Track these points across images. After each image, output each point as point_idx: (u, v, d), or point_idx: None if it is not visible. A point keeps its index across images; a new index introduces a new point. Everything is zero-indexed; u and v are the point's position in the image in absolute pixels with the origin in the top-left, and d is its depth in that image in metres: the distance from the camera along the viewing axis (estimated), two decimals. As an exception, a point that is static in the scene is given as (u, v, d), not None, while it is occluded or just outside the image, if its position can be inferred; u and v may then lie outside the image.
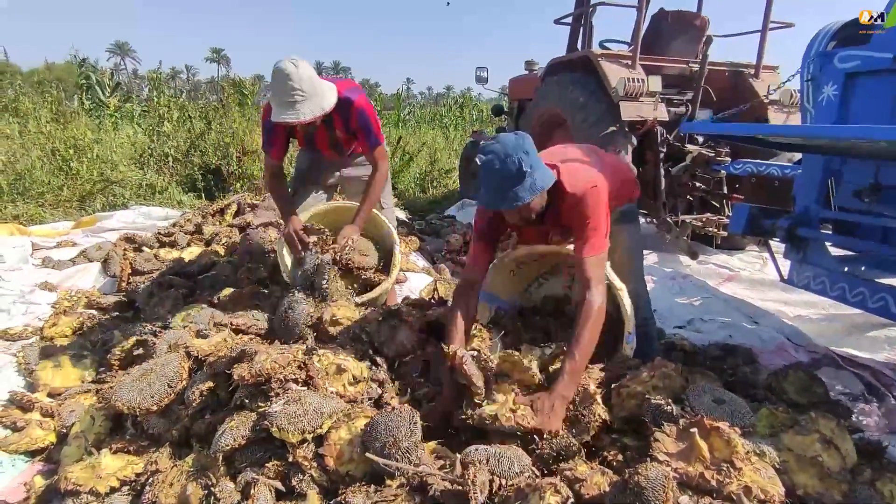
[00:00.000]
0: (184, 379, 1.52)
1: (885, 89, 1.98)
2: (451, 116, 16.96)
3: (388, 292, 2.76)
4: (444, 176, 7.37)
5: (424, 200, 6.91)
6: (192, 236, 3.28)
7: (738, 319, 2.76)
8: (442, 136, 9.89)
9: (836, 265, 2.21)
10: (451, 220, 5.25)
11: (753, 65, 4.12)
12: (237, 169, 5.88)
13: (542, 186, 1.51)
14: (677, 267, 3.78)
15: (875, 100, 2.02)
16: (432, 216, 5.52)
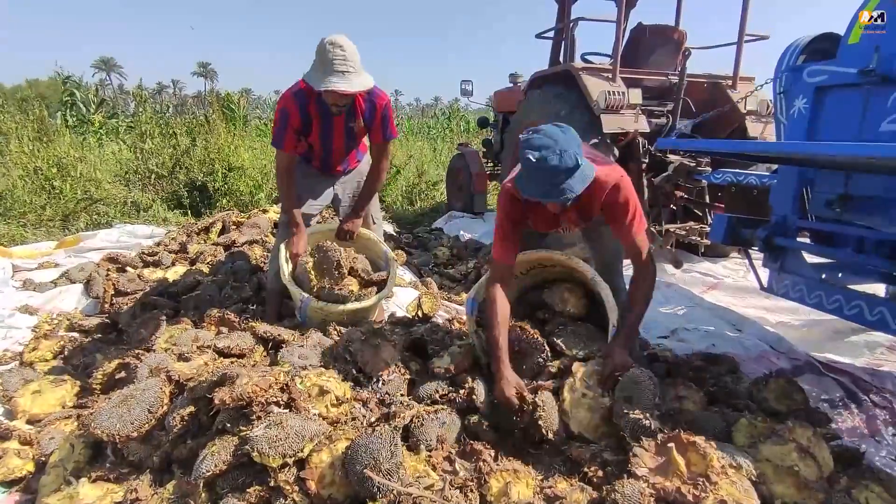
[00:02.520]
0: (165, 404, 1.51)
1: (852, 102, 2.04)
2: (439, 128, 17.09)
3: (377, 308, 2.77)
4: (432, 188, 7.40)
5: (412, 213, 6.92)
6: (176, 255, 3.25)
7: (722, 328, 2.79)
8: (429, 147, 9.93)
9: (812, 273, 2.25)
10: (439, 233, 5.27)
11: (731, 76, 4.21)
12: (223, 185, 5.86)
13: (590, 177, 1.59)
14: (662, 275, 3.82)
15: (843, 112, 2.08)
16: (420, 229, 5.54)
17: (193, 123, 7.36)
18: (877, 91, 1.93)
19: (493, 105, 6.30)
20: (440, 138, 14.91)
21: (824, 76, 2.12)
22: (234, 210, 5.71)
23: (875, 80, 1.90)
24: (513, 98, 5.47)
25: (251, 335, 2.07)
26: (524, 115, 4.46)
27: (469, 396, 1.57)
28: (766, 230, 2.33)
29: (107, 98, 20.05)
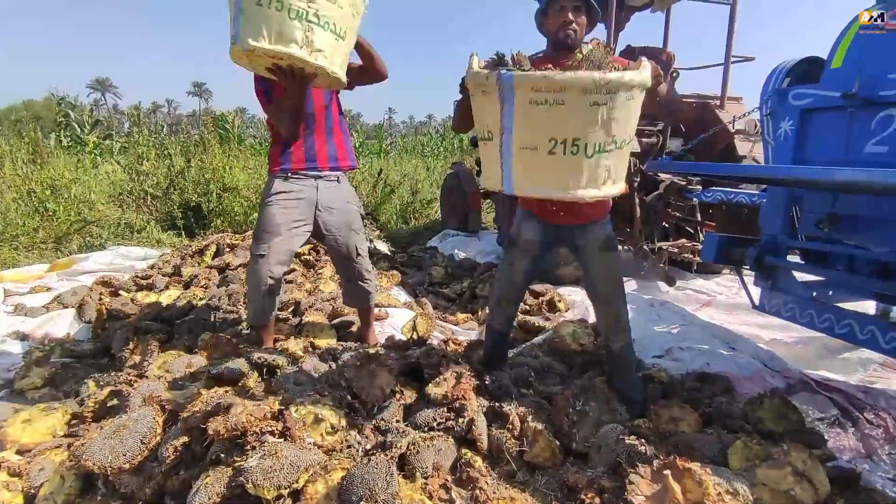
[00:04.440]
0: (158, 434, 1.49)
1: (836, 124, 2.08)
2: (433, 146, 17.25)
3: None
4: (426, 206, 7.44)
5: (407, 231, 6.94)
6: (170, 278, 3.24)
7: (716, 346, 2.80)
8: (423, 166, 10.01)
9: (803, 292, 2.27)
10: (434, 252, 5.28)
11: (719, 96, 4.30)
12: (217, 206, 5.87)
13: None
14: (655, 293, 3.85)
15: (829, 134, 2.12)
16: (415, 248, 5.55)
17: (188, 144, 7.41)
18: (860, 114, 1.97)
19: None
20: (434, 156, 15.05)
21: (809, 99, 2.17)
22: (228, 232, 5.73)
23: (858, 104, 1.95)
24: (505, 118, 5.55)
25: (245, 361, 2.06)
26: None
27: (468, 428, 1.57)
28: (757, 249, 2.36)
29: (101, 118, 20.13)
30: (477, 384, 1.88)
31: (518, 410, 1.65)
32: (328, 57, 1.80)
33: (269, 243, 2.23)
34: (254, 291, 2.28)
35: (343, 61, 1.92)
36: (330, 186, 2.37)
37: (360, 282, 2.58)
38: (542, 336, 2.90)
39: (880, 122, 1.92)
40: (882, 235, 1.95)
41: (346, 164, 2.40)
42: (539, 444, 1.54)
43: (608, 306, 1.97)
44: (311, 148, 2.29)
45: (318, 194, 2.33)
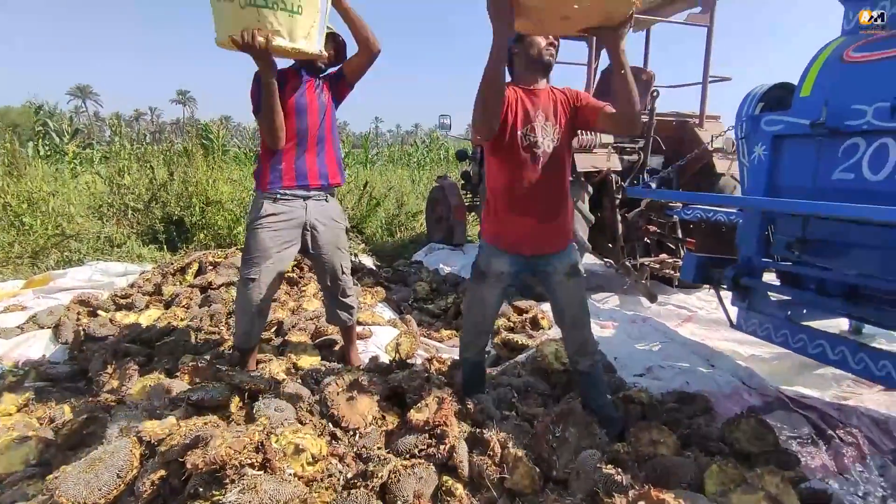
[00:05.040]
0: (134, 467, 1.47)
1: (806, 151, 2.16)
2: (419, 156, 17.32)
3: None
4: (412, 219, 7.46)
5: (392, 244, 6.95)
6: (150, 298, 3.20)
7: (695, 363, 2.85)
8: (409, 177, 10.03)
9: (778, 312, 2.33)
10: (419, 266, 5.29)
11: (697, 115, 4.40)
12: (200, 219, 5.81)
13: None
14: (638, 309, 3.90)
15: (799, 160, 2.19)
16: (400, 262, 5.55)
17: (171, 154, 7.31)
18: (827, 142, 2.05)
19: (472, 138, 6.44)
20: (420, 167, 15.11)
21: (780, 126, 2.25)
22: (211, 247, 5.67)
23: (825, 132, 2.02)
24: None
25: (226, 385, 2.04)
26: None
27: (449, 454, 1.57)
28: (733, 270, 2.41)
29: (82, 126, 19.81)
30: (459, 408, 1.90)
31: (499, 436, 1.66)
32: (287, 34, 1.87)
33: (260, 267, 2.24)
34: (243, 314, 2.29)
35: (309, 33, 1.93)
36: (318, 206, 2.38)
37: (343, 298, 2.58)
38: (525, 354, 2.92)
39: (846, 151, 1.99)
40: (849, 259, 2.02)
41: (336, 180, 2.40)
42: (519, 471, 1.55)
43: (576, 330, 2.00)
44: (303, 165, 2.29)
45: (306, 214, 2.33)
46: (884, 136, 1.87)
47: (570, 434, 1.67)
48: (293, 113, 2.23)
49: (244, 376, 2.08)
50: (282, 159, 2.26)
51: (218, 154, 10.92)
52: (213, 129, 12.88)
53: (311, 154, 2.30)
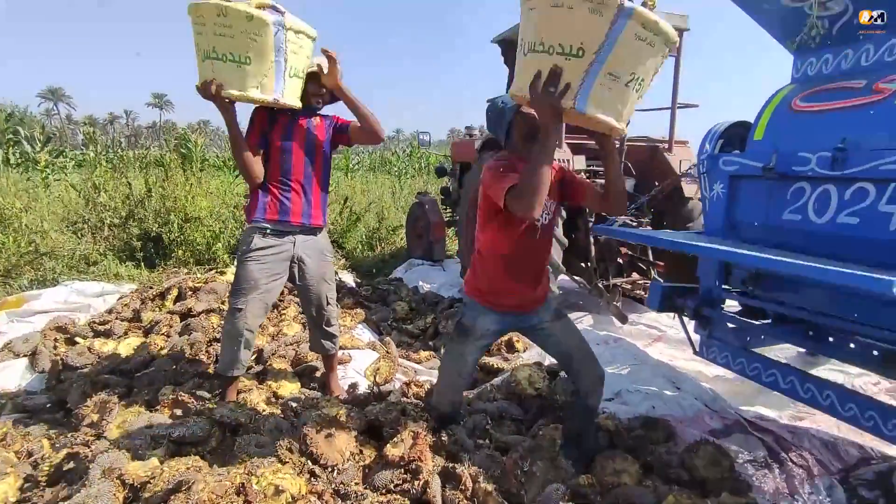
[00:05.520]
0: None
1: (759, 192, 2.31)
2: (400, 165, 17.40)
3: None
4: (392, 233, 7.52)
5: (372, 258, 7.00)
6: (129, 324, 3.20)
7: (662, 386, 2.98)
8: (390, 188, 10.10)
9: (735, 342, 2.48)
10: (398, 284, 5.36)
11: (667, 140, 4.58)
12: (179, 236, 5.78)
13: None
14: (610, 329, 4.04)
15: (753, 200, 2.34)
16: (380, 279, 5.62)
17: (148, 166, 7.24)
18: (777, 185, 2.20)
19: (451, 155, 6.55)
20: (402, 176, 15.18)
21: (736, 166, 2.40)
22: (190, 264, 5.65)
23: (775, 176, 2.17)
24: (468, 149, 5.72)
25: (207, 419, 2.08)
26: (477, 174, 4.68)
27: (423, 490, 1.65)
28: (694, 300, 2.55)
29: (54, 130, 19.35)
30: (434, 440, 1.98)
31: (470, 471, 1.75)
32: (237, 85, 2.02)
33: (247, 297, 2.33)
34: (229, 343, 2.37)
35: (261, 83, 2.05)
36: (307, 240, 2.47)
37: (327, 328, 2.67)
38: (500, 377, 3.02)
39: (794, 194, 2.15)
40: (798, 296, 2.17)
41: (317, 223, 2.48)
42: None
43: (591, 364, 2.05)
44: (287, 202, 2.37)
45: (294, 248, 2.43)
46: (826, 182, 2.02)
47: (537, 468, 1.77)
48: (278, 153, 2.33)
49: (225, 410, 2.13)
50: (267, 194, 2.36)
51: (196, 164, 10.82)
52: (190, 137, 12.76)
53: (296, 193, 2.38)
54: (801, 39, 2.26)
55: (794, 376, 2.18)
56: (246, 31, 1.91)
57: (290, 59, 2.06)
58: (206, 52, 1.98)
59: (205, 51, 1.98)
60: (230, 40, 1.93)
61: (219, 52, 1.96)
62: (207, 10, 1.91)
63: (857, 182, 1.91)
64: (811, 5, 2.05)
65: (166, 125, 35.16)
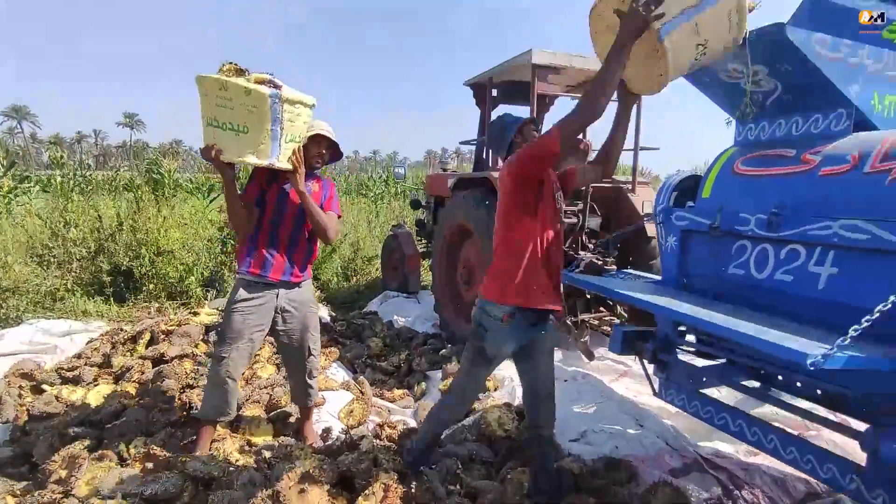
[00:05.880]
0: (90, 579, 1.53)
1: (707, 247, 2.49)
2: (377, 189, 17.49)
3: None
4: (368, 264, 7.58)
5: (348, 289, 7.04)
6: (99, 370, 3.17)
7: (626, 424, 3.11)
8: (366, 218, 10.17)
9: (691, 386, 2.63)
10: (373, 318, 5.41)
11: (630, 181, 4.83)
12: (150, 269, 5.72)
13: None
14: (578, 364, 4.18)
15: (703, 254, 2.52)
16: (355, 313, 5.66)
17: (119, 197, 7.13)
18: (723, 241, 2.38)
19: (425, 188, 6.70)
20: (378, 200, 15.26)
21: (686, 222, 2.58)
22: (162, 300, 5.58)
23: (720, 234, 2.35)
24: (443, 183, 5.88)
25: (180, 474, 2.10)
26: (451, 212, 4.83)
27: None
28: (652, 345, 2.70)
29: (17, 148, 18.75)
30: (405, 491, 2.05)
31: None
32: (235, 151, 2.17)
33: (232, 346, 2.43)
34: (214, 389, 2.46)
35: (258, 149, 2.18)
36: (290, 292, 2.57)
37: (309, 380, 2.74)
38: (472, 418, 3.10)
39: (737, 250, 2.33)
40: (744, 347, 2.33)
41: (297, 279, 2.58)
42: (458, 558, 1.71)
43: (550, 401, 2.25)
44: (271, 257, 2.48)
45: (278, 300, 2.53)
46: (764, 242, 2.21)
47: (503, 519, 1.85)
48: (271, 210, 2.47)
49: (197, 464, 2.16)
50: (255, 246, 2.47)
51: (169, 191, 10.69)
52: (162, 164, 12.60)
53: (281, 252, 2.50)
54: (740, 110, 2.49)
55: (742, 420, 2.34)
56: (245, 103, 2.07)
57: (287, 127, 2.21)
58: (209, 120, 2.15)
59: (207, 118, 2.16)
60: (230, 111, 2.10)
61: (219, 121, 2.13)
62: (210, 84, 2.09)
63: (790, 244, 2.10)
64: (745, 82, 2.27)
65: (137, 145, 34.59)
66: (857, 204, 1.88)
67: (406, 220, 9.33)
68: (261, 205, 2.46)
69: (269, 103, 2.10)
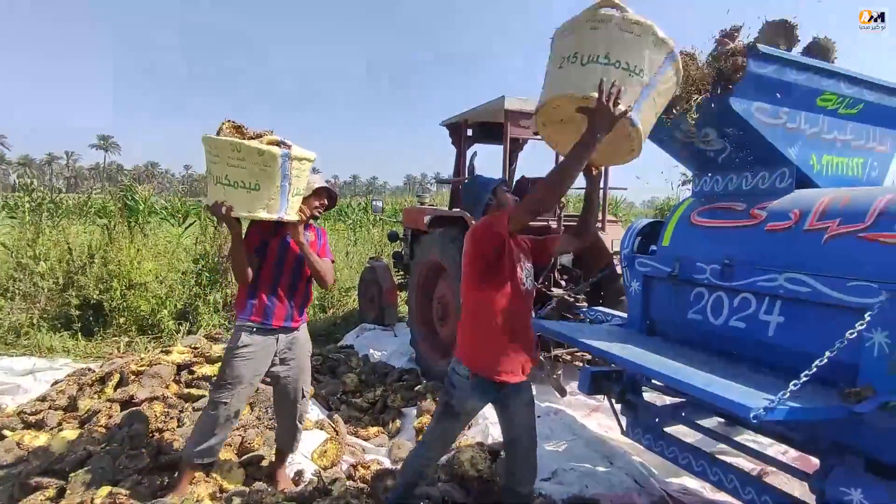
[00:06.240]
0: None
1: (668, 292, 2.62)
2: (355, 216, 17.55)
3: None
4: (345, 295, 7.58)
5: (325, 321, 7.00)
6: (64, 414, 3.09)
7: (597, 462, 3.18)
8: (344, 247, 10.19)
9: (657, 426, 2.72)
10: (349, 351, 5.40)
11: (600, 219, 5.01)
12: (121, 303, 5.62)
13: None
14: (551, 399, 4.24)
15: (664, 299, 2.65)
16: (330, 347, 5.63)
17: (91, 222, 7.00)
18: (682, 288, 2.52)
19: (403, 220, 6.79)
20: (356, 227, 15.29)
21: (648, 268, 2.71)
22: (133, 334, 5.46)
23: (679, 282, 2.49)
24: (419, 217, 5.99)
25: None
26: (426, 248, 4.93)
27: None
28: (619, 386, 2.80)
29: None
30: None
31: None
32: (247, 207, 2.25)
33: (232, 392, 2.49)
34: (206, 433, 2.49)
35: (268, 204, 2.28)
36: (289, 336, 2.64)
37: (298, 423, 2.78)
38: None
39: (695, 297, 2.47)
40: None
41: (297, 324, 2.67)
42: None
43: (529, 455, 2.25)
44: (272, 304, 2.55)
45: (277, 345, 2.60)
46: (719, 290, 2.35)
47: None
48: (272, 259, 2.55)
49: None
50: (256, 295, 2.53)
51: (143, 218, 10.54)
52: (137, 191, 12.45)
53: (282, 299, 2.57)
54: (696, 165, 2.66)
55: (704, 460, 2.43)
56: (258, 162, 2.18)
57: (294, 182, 2.33)
58: (219, 178, 2.22)
59: (217, 177, 2.23)
60: (242, 170, 2.20)
61: (231, 179, 2.21)
62: (223, 145, 2.18)
63: (742, 293, 2.24)
64: (698, 142, 2.44)
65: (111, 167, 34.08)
66: (799, 258, 2.04)
67: (384, 251, 9.39)
68: (261, 253, 2.54)
69: (280, 162, 2.23)
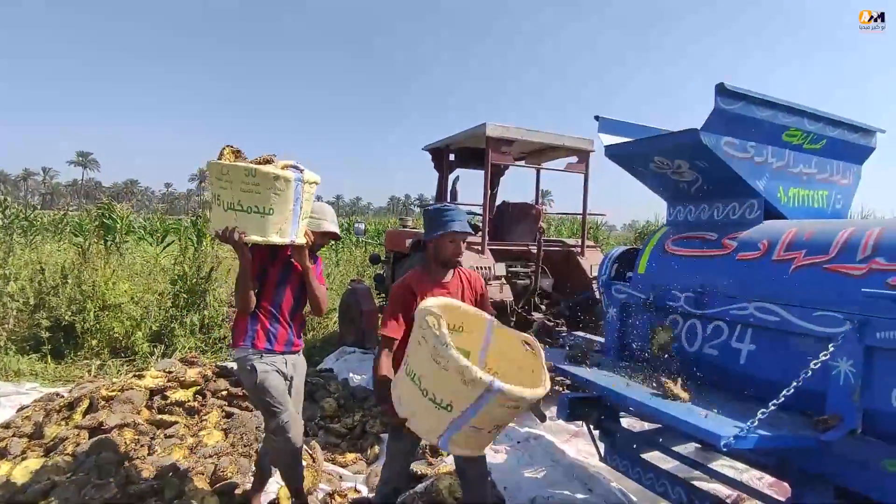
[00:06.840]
0: None
1: (643, 319, 2.67)
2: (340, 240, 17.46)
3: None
4: (325, 317, 7.50)
5: (306, 343, 6.90)
6: (28, 442, 2.98)
7: (575, 489, 3.16)
8: (325, 266, 10.12)
9: (634, 453, 2.73)
10: (329, 375, 5.32)
11: (580, 245, 5.10)
12: (94, 324, 5.48)
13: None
14: (530, 424, 4.23)
15: (639, 325, 2.70)
16: (310, 371, 5.54)
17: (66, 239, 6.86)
18: (657, 315, 2.57)
19: (385, 243, 6.81)
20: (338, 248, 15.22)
21: (625, 295, 2.77)
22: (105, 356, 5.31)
23: (654, 309, 2.54)
24: (401, 240, 6.00)
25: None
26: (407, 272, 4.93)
27: None
28: (597, 412, 2.81)
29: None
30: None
31: None
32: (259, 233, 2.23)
33: (288, 410, 2.48)
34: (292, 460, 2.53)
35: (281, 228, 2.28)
36: (294, 358, 2.64)
37: None
38: (423, 484, 3.08)
39: (671, 324, 2.52)
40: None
41: (297, 348, 2.68)
42: None
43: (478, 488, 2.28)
44: (275, 331, 2.53)
45: (286, 367, 2.58)
46: (692, 318, 2.41)
47: None
48: (273, 286, 2.54)
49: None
50: (257, 322, 2.50)
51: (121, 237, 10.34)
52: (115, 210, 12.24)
53: (283, 325, 2.56)
54: (669, 195, 2.75)
55: (680, 487, 2.44)
56: (272, 187, 2.18)
57: (304, 206, 2.35)
58: (230, 204, 2.20)
59: (228, 202, 2.20)
60: (256, 195, 2.18)
61: (244, 204, 2.19)
62: (235, 170, 2.16)
63: (715, 321, 2.30)
64: (671, 173, 2.53)
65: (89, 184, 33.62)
66: (768, 288, 2.10)
67: (366, 273, 9.36)
68: (260, 280, 2.52)
69: (294, 186, 2.24)
